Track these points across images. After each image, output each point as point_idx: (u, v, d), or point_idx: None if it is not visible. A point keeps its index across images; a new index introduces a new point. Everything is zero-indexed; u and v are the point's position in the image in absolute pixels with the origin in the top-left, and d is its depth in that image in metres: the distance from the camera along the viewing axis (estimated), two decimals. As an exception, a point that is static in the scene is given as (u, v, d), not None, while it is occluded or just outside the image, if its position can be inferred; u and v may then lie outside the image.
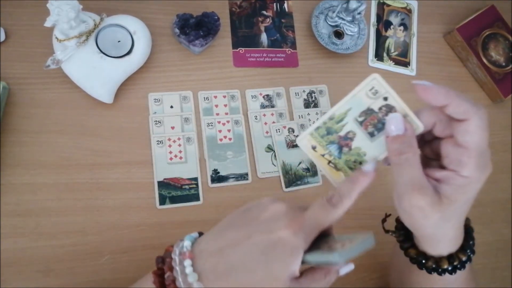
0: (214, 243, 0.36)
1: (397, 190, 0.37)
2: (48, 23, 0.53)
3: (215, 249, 0.36)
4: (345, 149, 0.41)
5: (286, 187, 0.62)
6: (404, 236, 0.45)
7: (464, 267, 0.42)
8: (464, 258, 0.42)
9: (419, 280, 0.46)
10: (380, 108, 0.38)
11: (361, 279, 0.61)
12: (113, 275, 0.54)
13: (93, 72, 0.57)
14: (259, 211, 0.37)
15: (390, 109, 0.38)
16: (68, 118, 0.58)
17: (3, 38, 0.59)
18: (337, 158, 0.42)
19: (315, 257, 0.36)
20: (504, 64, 0.76)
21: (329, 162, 0.42)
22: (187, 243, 0.37)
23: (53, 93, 0.59)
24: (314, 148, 0.42)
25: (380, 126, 0.39)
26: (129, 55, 0.58)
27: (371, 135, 0.39)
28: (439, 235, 0.39)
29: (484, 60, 0.75)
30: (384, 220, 0.47)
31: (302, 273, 0.37)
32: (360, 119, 0.39)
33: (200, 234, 0.40)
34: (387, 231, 0.46)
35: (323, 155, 0.42)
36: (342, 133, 0.40)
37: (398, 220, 0.46)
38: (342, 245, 0.36)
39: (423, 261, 0.42)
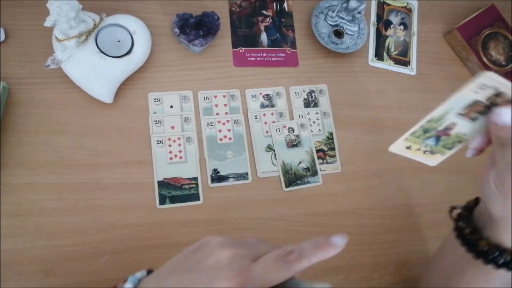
0: (157, 283, 0.34)
1: (499, 171, 0.37)
2: (48, 23, 0.53)
3: None
4: (443, 137, 0.41)
5: (286, 186, 0.62)
6: (473, 228, 0.44)
7: None
8: None
9: (475, 279, 0.44)
10: (488, 98, 0.37)
11: (361, 279, 0.61)
12: (113, 275, 0.53)
13: (93, 72, 0.57)
14: (204, 256, 0.33)
15: (501, 97, 0.36)
16: (68, 118, 0.58)
17: (3, 38, 0.59)
18: (434, 146, 0.42)
19: None
20: (504, 63, 0.76)
21: (425, 151, 0.42)
22: (128, 285, 0.34)
23: (53, 93, 0.59)
24: (408, 147, 0.42)
25: (484, 112, 0.38)
26: (129, 55, 0.58)
27: (473, 119, 0.39)
28: None
29: (484, 60, 0.75)
30: (451, 211, 0.47)
31: None
32: (464, 111, 0.38)
33: (149, 271, 0.37)
34: (456, 221, 0.46)
35: (418, 149, 0.42)
36: (441, 128, 0.40)
37: (465, 212, 0.45)
38: None
39: (497, 253, 0.41)
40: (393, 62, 0.74)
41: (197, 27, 0.63)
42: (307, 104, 0.68)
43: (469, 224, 0.44)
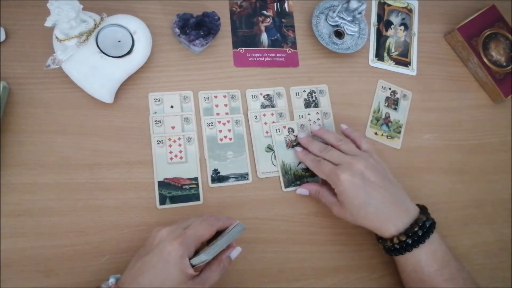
0: (129, 274, 0.46)
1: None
2: (48, 23, 0.53)
3: (131, 279, 0.45)
4: (389, 124, 0.68)
5: (286, 187, 0.62)
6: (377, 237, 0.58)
7: (415, 238, 0.52)
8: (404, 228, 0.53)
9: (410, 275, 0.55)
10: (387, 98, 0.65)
11: (361, 279, 0.61)
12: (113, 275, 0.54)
13: (93, 72, 0.56)
14: (151, 241, 0.48)
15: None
16: (68, 118, 0.58)
17: (3, 38, 0.59)
18: (389, 131, 0.68)
19: (196, 260, 0.46)
20: (505, 64, 0.76)
21: (387, 136, 0.68)
22: (111, 280, 0.47)
23: (53, 93, 0.59)
24: (376, 134, 0.68)
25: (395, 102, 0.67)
26: (129, 55, 0.58)
27: (395, 109, 0.68)
28: (365, 220, 0.55)
29: (485, 60, 0.75)
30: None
31: (202, 270, 0.47)
32: (386, 104, 0.67)
33: None
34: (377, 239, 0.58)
35: (382, 135, 0.68)
36: (383, 117, 0.67)
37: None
38: (213, 244, 0.47)
39: (385, 243, 0.55)
40: (394, 63, 0.74)
41: (198, 27, 0.63)
42: (307, 105, 0.68)
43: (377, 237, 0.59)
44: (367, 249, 0.63)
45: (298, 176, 0.63)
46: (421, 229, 0.53)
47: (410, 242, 0.52)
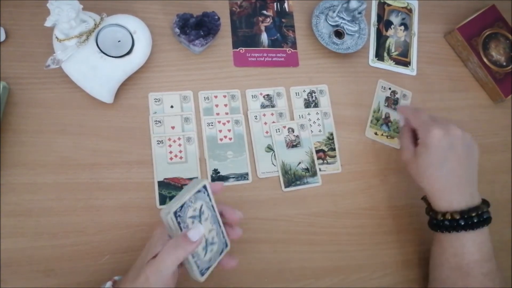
0: (131, 276, 0.45)
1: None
2: (48, 23, 0.53)
3: (133, 277, 0.44)
4: (390, 124, 0.68)
5: (285, 187, 0.62)
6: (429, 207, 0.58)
7: (470, 223, 0.52)
8: (466, 214, 0.52)
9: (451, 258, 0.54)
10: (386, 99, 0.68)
11: (361, 279, 0.61)
12: (113, 275, 0.53)
13: (93, 72, 0.56)
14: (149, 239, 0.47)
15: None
16: (68, 118, 0.58)
17: (3, 38, 0.59)
18: (389, 131, 0.69)
19: (164, 210, 0.43)
20: (505, 64, 0.76)
21: (387, 136, 0.68)
22: (108, 283, 0.46)
23: (53, 93, 0.59)
24: (376, 134, 0.68)
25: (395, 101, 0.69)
26: (129, 55, 0.58)
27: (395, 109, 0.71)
28: (428, 180, 0.54)
29: (485, 60, 0.75)
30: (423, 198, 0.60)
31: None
32: (386, 103, 0.70)
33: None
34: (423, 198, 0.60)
35: (382, 135, 0.68)
36: (383, 117, 0.68)
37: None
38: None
39: (436, 215, 0.54)
40: (394, 63, 0.74)
41: (198, 27, 0.63)
42: (307, 104, 0.68)
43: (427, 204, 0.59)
44: (367, 249, 0.63)
45: (298, 176, 0.63)
46: (477, 217, 0.52)
47: (462, 223, 0.52)
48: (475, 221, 0.52)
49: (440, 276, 0.55)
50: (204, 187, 0.46)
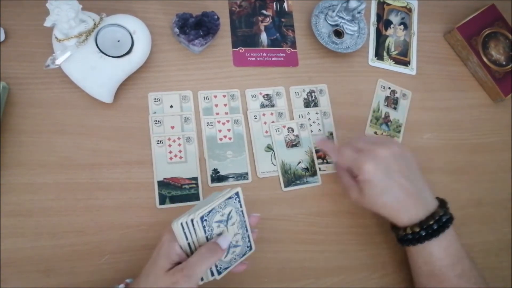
0: (141, 283, 0.46)
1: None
2: (47, 23, 0.53)
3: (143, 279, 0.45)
4: (389, 123, 0.68)
5: (285, 186, 0.62)
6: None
7: (430, 230, 0.52)
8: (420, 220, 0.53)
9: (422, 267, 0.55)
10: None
11: (361, 279, 0.61)
12: (113, 275, 0.54)
13: (93, 72, 0.57)
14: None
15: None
16: (68, 118, 0.58)
17: (3, 38, 0.59)
18: (389, 131, 0.69)
19: (175, 223, 0.45)
20: (504, 63, 0.76)
21: (387, 136, 0.69)
22: (121, 286, 0.48)
23: (53, 93, 0.59)
24: (375, 133, 0.68)
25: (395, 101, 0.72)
26: (128, 55, 0.58)
27: (395, 109, 0.71)
28: (383, 208, 0.55)
29: (485, 59, 0.75)
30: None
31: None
32: (385, 103, 0.70)
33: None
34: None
35: (381, 134, 0.68)
36: (383, 116, 0.68)
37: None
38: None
39: (398, 231, 0.56)
40: (393, 62, 0.74)
41: (197, 27, 0.63)
42: (307, 104, 0.68)
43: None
44: (367, 249, 0.63)
45: (298, 176, 0.63)
46: (436, 223, 0.52)
47: (423, 234, 0.52)
48: (435, 228, 0.52)
49: (420, 284, 0.56)
50: (237, 193, 0.48)
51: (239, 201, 0.48)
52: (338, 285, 0.60)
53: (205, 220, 0.45)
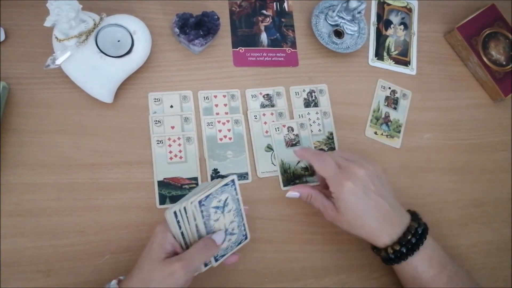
0: (135, 275, 0.46)
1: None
2: (47, 23, 0.53)
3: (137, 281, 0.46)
4: (389, 123, 0.68)
5: (284, 185, 0.62)
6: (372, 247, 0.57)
7: (409, 246, 0.52)
8: (398, 236, 0.53)
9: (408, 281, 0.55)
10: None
11: (361, 278, 0.61)
12: (113, 275, 0.53)
13: (93, 72, 0.57)
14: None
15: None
16: (68, 118, 0.58)
17: (3, 38, 0.59)
18: (389, 131, 0.68)
19: (169, 211, 0.45)
20: (504, 63, 0.76)
21: (387, 136, 0.68)
22: (113, 282, 0.47)
23: (53, 93, 0.59)
24: (375, 133, 0.67)
25: (395, 101, 0.71)
26: (129, 55, 0.58)
27: (395, 109, 0.71)
28: (361, 229, 0.54)
29: (485, 59, 0.75)
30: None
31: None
32: (386, 103, 0.70)
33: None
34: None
35: (382, 134, 0.68)
36: (383, 116, 0.68)
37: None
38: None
39: (380, 253, 0.55)
40: (393, 62, 0.74)
41: (197, 27, 0.63)
42: (307, 104, 0.68)
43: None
44: (367, 248, 0.63)
45: (298, 175, 0.63)
46: (414, 237, 0.52)
47: (404, 251, 0.52)
48: (414, 242, 0.52)
49: None
50: (233, 181, 0.48)
51: (235, 189, 0.49)
52: (338, 285, 0.60)
53: (203, 205, 0.46)
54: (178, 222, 0.46)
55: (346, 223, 0.54)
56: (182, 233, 0.46)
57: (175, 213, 0.45)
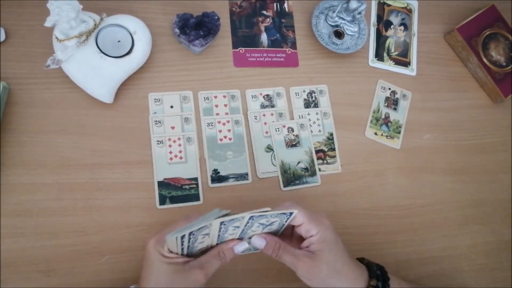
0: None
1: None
2: (48, 23, 0.53)
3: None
4: (389, 124, 0.69)
5: (284, 186, 0.62)
6: None
7: None
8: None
9: None
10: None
11: (361, 279, 0.61)
12: (113, 275, 0.54)
13: (93, 72, 0.57)
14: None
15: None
16: (68, 118, 0.58)
17: (3, 38, 0.59)
18: (389, 131, 0.68)
19: (170, 236, 0.42)
20: (504, 64, 0.76)
21: (387, 136, 0.69)
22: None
23: (53, 93, 0.59)
24: (375, 134, 0.68)
25: (395, 101, 0.71)
26: (129, 55, 0.58)
27: (395, 109, 0.71)
28: (339, 275, 0.49)
29: (485, 60, 0.75)
30: None
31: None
32: (385, 104, 0.69)
33: None
34: None
35: (382, 135, 0.68)
36: (383, 117, 0.68)
37: None
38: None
39: None
40: (394, 63, 0.74)
41: (197, 27, 0.63)
42: (307, 105, 0.68)
43: None
44: (367, 249, 0.63)
45: (298, 176, 0.63)
46: (380, 269, 0.52)
47: (380, 286, 0.50)
48: (382, 272, 0.52)
49: None
50: (291, 213, 0.46)
51: (287, 220, 0.47)
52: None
53: (224, 224, 0.44)
54: (182, 243, 0.43)
55: (326, 269, 0.48)
56: (182, 249, 0.45)
57: (182, 237, 0.42)
